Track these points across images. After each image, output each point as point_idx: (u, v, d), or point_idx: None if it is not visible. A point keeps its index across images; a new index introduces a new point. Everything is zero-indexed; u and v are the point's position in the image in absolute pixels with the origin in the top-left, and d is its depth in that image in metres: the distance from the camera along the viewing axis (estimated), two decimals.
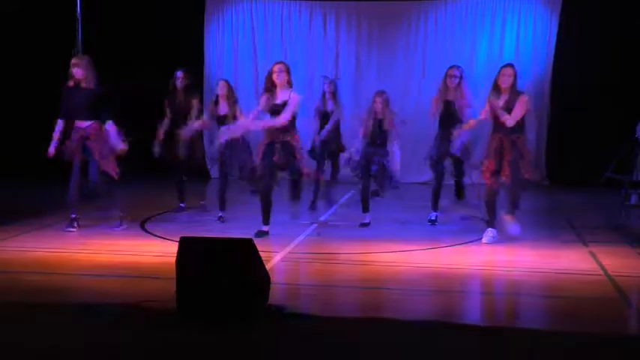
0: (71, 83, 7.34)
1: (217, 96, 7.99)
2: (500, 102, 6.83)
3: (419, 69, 12.05)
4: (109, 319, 4.51)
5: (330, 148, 8.49)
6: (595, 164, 10.38)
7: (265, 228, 7.17)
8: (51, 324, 4.46)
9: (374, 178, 7.68)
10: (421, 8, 12.05)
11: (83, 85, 7.28)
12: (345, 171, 8.41)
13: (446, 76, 7.77)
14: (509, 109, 6.78)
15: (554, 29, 11.53)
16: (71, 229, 7.38)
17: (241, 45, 12.41)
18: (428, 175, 11.70)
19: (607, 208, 9.16)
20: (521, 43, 11.72)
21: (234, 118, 7.77)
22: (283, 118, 6.89)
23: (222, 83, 8.02)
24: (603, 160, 9.92)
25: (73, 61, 7.33)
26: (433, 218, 7.98)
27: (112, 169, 7.33)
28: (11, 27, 11.96)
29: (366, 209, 7.85)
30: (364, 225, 7.80)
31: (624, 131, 9.48)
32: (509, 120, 6.74)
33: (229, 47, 12.45)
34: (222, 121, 7.85)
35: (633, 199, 9.21)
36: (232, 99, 7.89)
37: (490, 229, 7.05)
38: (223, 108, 7.89)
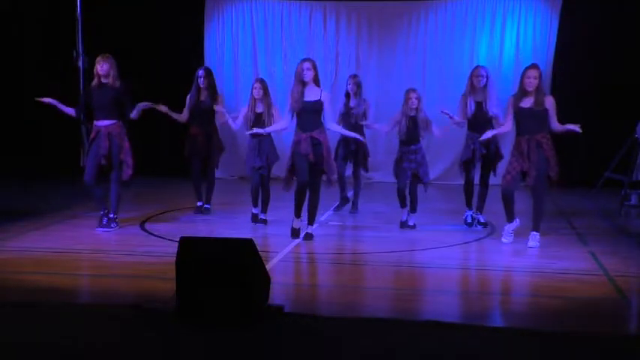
0: (95, 82, 7.39)
1: (254, 99, 7.86)
2: (527, 104, 6.81)
3: (419, 69, 12.05)
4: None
5: (351, 147, 8.51)
6: (595, 164, 10.39)
7: (297, 224, 7.14)
8: (51, 324, 4.46)
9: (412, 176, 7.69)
10: (421, 8, 12.05)
11: (108, 83, 7.32)
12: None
13: (472, 76, 7.64)
14: (537, 109, 6.75)
15: (554, 29, 11.53)
16: (108, 229, 7.46)
17: (241, 45, 12.41)
18: (429, 175, 11.75)
19: (607, 208, 9.16)
20: (521, 43, 11.71)
21: (270, 116, 7.77)
22: (329, 122, 6.99)
23: (257, 85, 7.89)
24: (603, 160, 9.93)
25: (98, 58, 7.38)
26: (469, 221, 7.89)
27: (128, 170, 7.44)
28: (11, 27, 11.96)
29: (403, 205, 7.80)
30: (406, 225, 7.76)
31: (624, 131, 9.48)
32: (557, 126, 6.83)
33: (229, 47, 12.45)
34: (258, 119, 7.81)
35: (633, 199, 9.21)
36: (267, 98, 7.84)
37: (508, 224, 7.03)
38: (259, 106, 7.84)
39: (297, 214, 7.15)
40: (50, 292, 5.19)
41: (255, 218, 7.99)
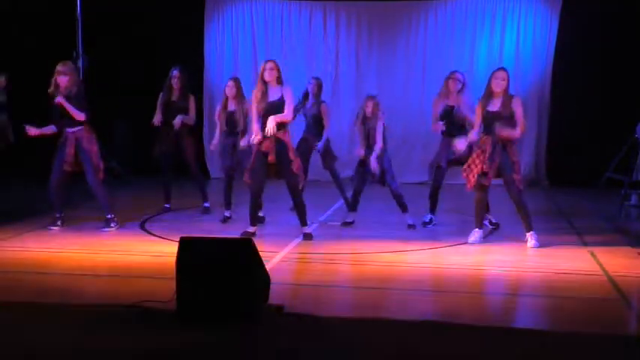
0: (51, 91, 7.38)
1: (227, 97, 7.92)
2: (495, 107, 6.81)
3: (419, 69, 12.05)
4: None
5: (310, 150, 8.49)
6: (595, 164, 10.39)
7: (252, 229, 7.12)
8: (50, 324, 4.46)
9: (379, 180, 7.71)
10: (421, 8, 12.05)
11: (65, 94, 7.32)
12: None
13: (448, 79, 7.70)
14: (504, 113, 6.75)
15: (554, 29, 11.53)
16: (53, 228, 7.48)
17: (241, 45, 12.41)
18: (425, 175, 11.73)
19: (607, 208, 9.15)
20: (521, 43, 11.72)
21: (244, 115, 7.78)
22: (288, 114, 6.91)
23: (230, 83, 7.96)
24: (603, 160, 9.92)
25: (58, 68, 7.38)
26: (427, 220, 7.95)
27: (101, 169, 7.47)
28: (11, 27, 11.96)
29: (352, 209, 7.92)
30: (347, 224, 7.85)
31: (624, 131, 9.48)
32: (519, 133, 6.79)
33: (229, 47, 12.45)
34: (230, 117, 7.84)
35: (633, 199, 9.20)
36: (240, 97, 7.87)
37: (477, 229, 7.08)
38: (231, 105, 7.88)
39: (252, 223, 7.13)
40: (50, 292, 5.19)
41: (225, 220, 8.00)
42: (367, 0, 12.09)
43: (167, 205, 8.68)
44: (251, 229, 7.11)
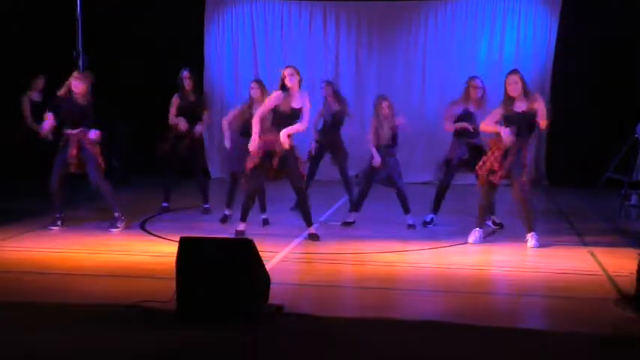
0: (62, 92, 7.44)
1: (252, 99, 7.79)
2: (521, 108, 6.78)
3: (419, 69, 12.05)
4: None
5: (326, 150, 8.55)
6: (595, 164, 10.39)
7: (242, 227, 7.13)
8: (50, 324, 4.46)
9: (386, 180, 7.72)
10: (421, 8, 12.05)
11: (76, 97, 7.39)
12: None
13: (469, 86, 7.68)
14: (532, 112, 6.74)
15: (554, 29, 11.53)
16: (53, 228, 7.51)
17: (241, 45, 12.40)
18: (427, 175, 11.75)
19: (607, 208, 9.16)
20: (521, 43, 11.72)
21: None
22: (306, 124, 6.96)
23: (254, 85, 7.86)
24: (603, 160, 9.93)
25: (76, 74, 7.50)
26: (428, 220, 7.95)
27: (103, 169, 7.53)
28: (11, 27, 11.95)
29: (354, 209, 7.95)
30: (348, 224, 7.86)
31: (624, 131, 9.48)
32: (545, 123, 6.76)
33: (229, 47, 12.44)
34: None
35: (633, 199, 9.21)
36: (265, 99, 7.74)
37: (477, 229, 7.08)
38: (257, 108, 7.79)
39: (243, 218, 7.14)
40: (50, 292, 5.19)
41: (224, 219, 7.99)
42: (367, 0, 12.09)
43: (165, 204, 8.67)
44: (240, 227, 7.12)
